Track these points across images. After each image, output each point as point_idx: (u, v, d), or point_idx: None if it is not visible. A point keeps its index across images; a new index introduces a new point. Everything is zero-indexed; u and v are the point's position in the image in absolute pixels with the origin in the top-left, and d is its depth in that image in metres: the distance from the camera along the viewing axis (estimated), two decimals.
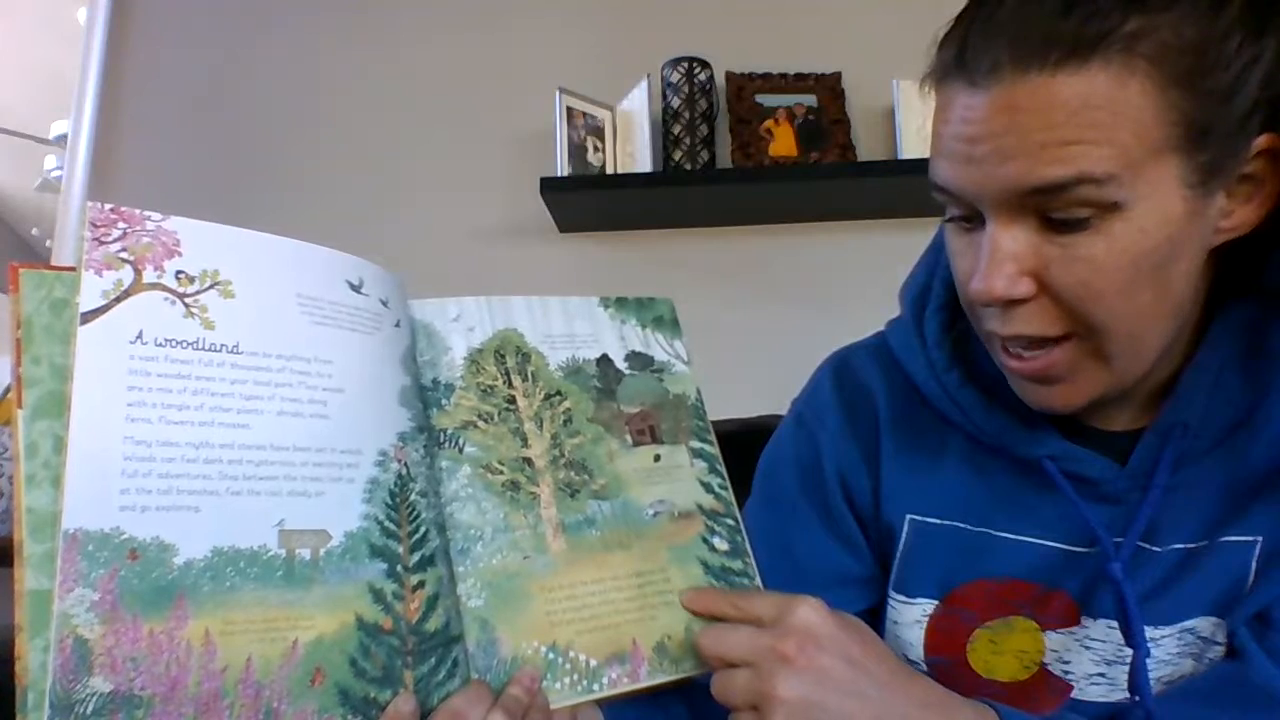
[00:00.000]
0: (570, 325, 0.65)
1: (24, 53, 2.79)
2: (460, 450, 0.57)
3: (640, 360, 0.66)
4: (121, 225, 0.46)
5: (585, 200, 1.62)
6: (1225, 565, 0.60)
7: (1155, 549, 0.61)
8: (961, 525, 0.65)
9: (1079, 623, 0.63)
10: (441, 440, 0.56)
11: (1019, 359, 0.54)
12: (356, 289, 0.54)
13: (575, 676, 0.53)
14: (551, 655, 0.53)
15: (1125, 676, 0.60)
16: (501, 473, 0.57)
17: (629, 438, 0.63)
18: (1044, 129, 0.47)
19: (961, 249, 0.56)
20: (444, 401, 0.58)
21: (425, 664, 0.48)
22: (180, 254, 0.47)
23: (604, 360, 0.65)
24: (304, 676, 0.44)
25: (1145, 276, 0.50)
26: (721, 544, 0.62)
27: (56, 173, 2.82)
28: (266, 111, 1.84)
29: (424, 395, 0.57)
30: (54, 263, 1.69)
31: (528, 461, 0.58)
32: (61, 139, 2.53)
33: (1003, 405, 0.62)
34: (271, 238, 0.51)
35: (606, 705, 0.57)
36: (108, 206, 0.46)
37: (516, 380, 0.61)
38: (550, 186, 1.58)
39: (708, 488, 0.64)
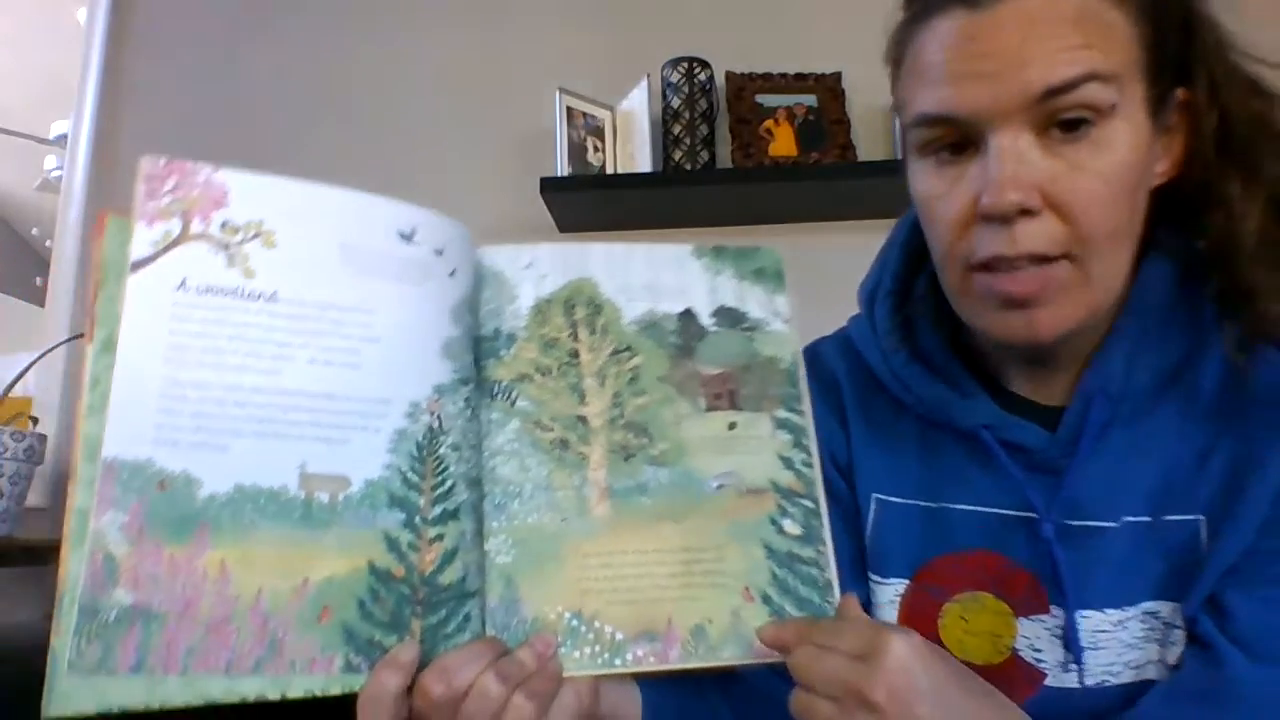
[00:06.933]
0: (654, 276, 0.61)
1: (24, 53, 2.79)
2: (512, 404, 0.56)
3: (730, 316, 0.61)
4: (174, 178, 0.49)
5: (585, 200, 1.63)
6: (1173, 545, 0.59)
7: (1109, 524, 0.60)
8: (921, 503, 0.67)
9: (1048, 611, 0.62)
10: (494, 392, 0.56)
11: (1014, 279, 0.55)
12: (407, 238, 0.54)
13: (597, 648, 0.51)
14: (575, 622, 0.52)
15: (1097, 665, 0.60)
16: (551, 430, 0.56)
17: (702, 401, 0.58)
18: (1054, 36, 0.52)
19: (943, 189, 0.57)
20: (503, 352, 0.57)
21: (435, 615, 0.49)
22: (227, 205, 0.50)
23: (687, 315, 0.60)
24: (312, 613, 0.47)
25: (1127, 192, 0.54)
26: (793, 527, 0.56)
27: (56, 173, 2.81)
28: (266, 111, 1.86)
29: (482, 345, 0.56)
30: (53, 263, 1.82)
31: (582, 420, 0.56)
32: (61, 139, 2.49)
33: (943, 379, 0.66)
34: (322, 188, 0.52)
35: (642, 683, 0.55)
36: (162, 160, 0.49)
37: (583, 333, 0.58)
38: (550, 186, 1.59)
39: (788, 463, 0.57)
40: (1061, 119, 0.52)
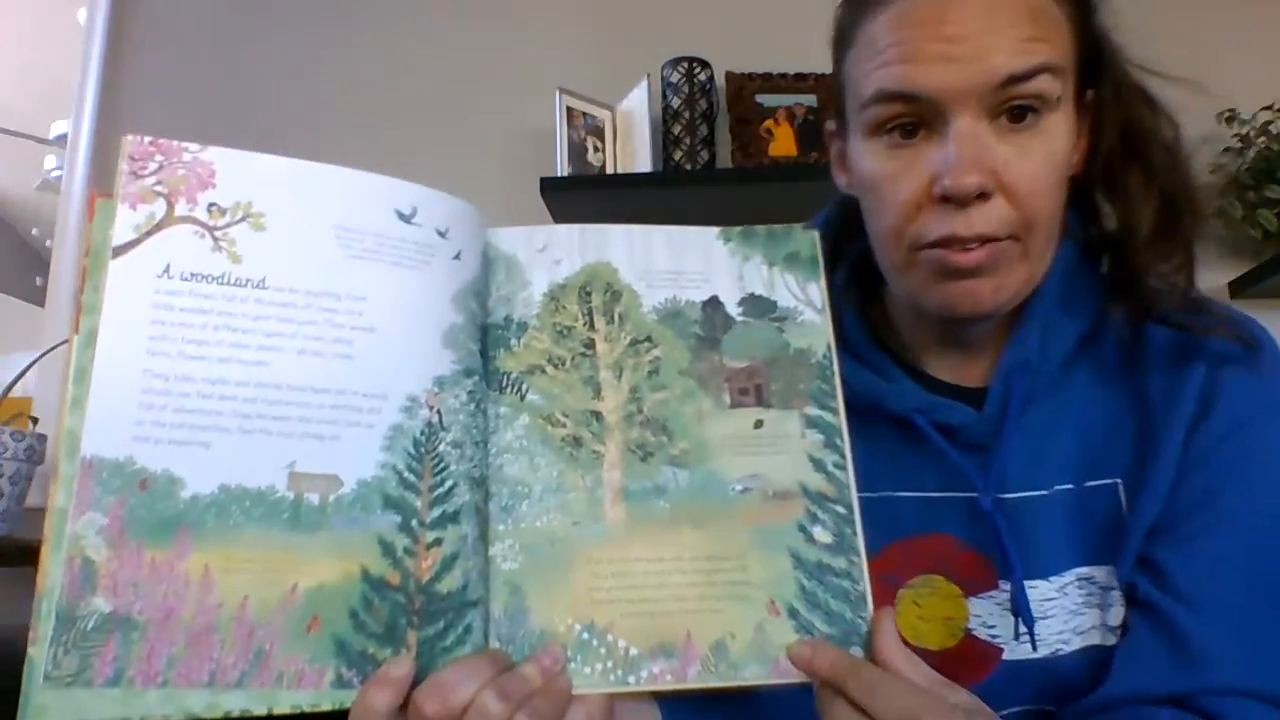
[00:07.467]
0: (678, 260, 0.56)
1: (24, 53, 2.70)
2: (521, 397, 0.52)
3: (759, 305, 0.56)
4: (159, 158, 0.46)
5: (585, 200, 1.59)
6: (1097, 509, 0.61)
7: (1041, 493, 0.62)
8: (865, 495, 0.63)
9: (997, 587, 0.63)
10: (503, 385, 0.52)
11: (964, 253, 0.57)
12: (407, 219, 0.50)
13: (609, 664, 0.48)
14: (585, 635, 0.48)
15: (1049, 634, 0.61)
16: (564, 425, 0.52)
17: (727, 397, 0.54)
18: (1014, 26, 0.55)
19: (898, 170, 0.58)
20: (513, 342, 0.53)
21: (432, 626, 0.46)
22: (214, 186, 0.47)
23: (712, 303, 0.55)
24: (300, 623, 0.44)
25: (1062, 179, 0.59)
26: (823, 535, 0.51)
27: (56, 173, 2.72)
28: (266, 112, 1.82)
29: (491, 334, 0.53)
30: (53, 263, 1.79)
31: (596, 415, 0.52)
32: (61, 139, 2.41)
33: (869, 368, 0.67)
34: (316, 166, 0.49)
35: (661, 702, 0.52)
36: (147, 139, 0.46)
37: (599, 321, 0.54)
38: (550, 186, 1.56)
39: (818, 465, 0.53)
40: (1011, 107, 0.55)
